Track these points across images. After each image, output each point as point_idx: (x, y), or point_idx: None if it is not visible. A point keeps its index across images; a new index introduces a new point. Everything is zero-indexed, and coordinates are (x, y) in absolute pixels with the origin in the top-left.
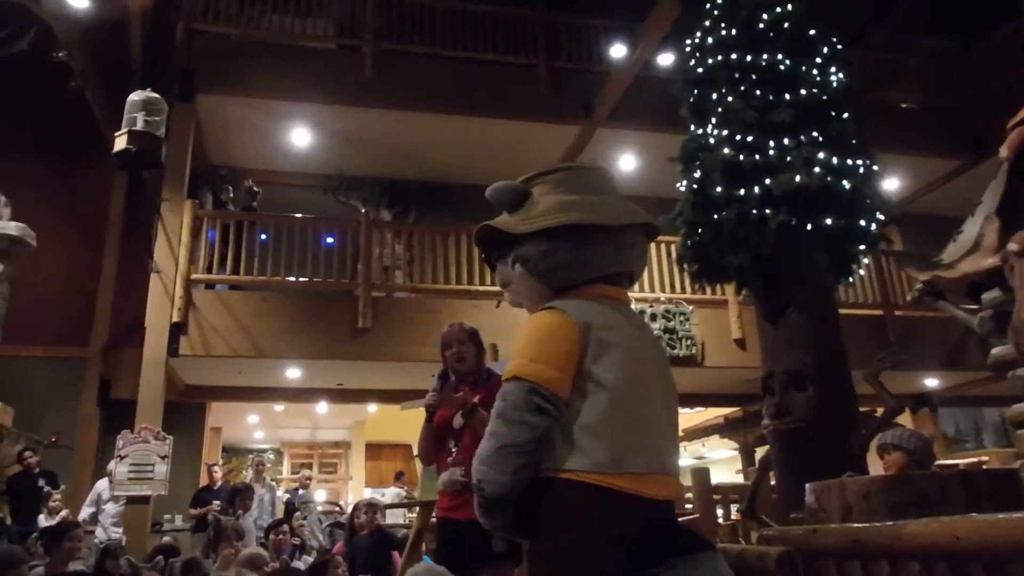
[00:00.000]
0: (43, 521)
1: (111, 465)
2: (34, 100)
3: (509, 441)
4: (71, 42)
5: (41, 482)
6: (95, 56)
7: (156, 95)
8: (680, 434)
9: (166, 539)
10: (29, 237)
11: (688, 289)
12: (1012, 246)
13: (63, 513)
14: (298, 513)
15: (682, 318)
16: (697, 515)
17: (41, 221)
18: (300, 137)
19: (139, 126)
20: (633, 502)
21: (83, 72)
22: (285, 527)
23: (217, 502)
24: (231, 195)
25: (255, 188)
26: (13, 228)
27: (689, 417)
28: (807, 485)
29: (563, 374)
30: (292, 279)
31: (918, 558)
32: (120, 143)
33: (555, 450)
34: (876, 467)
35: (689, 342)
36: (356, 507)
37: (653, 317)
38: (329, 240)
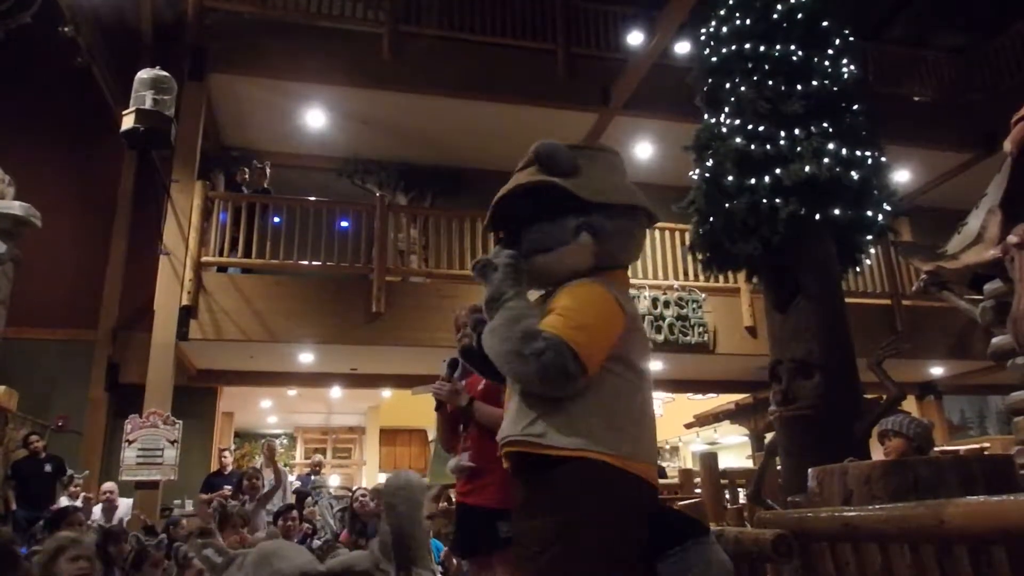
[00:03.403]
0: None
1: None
2: (42, 77)
3: (514, 350)
4: (77, 17)
5: (48, 467)
6: (104, 33)
7: (165, 73)
8: (692, 420)
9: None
10: (34, 217)
11: (701, 277)
12: (1012, 238)
13: (83, 496)
14: (309, 499)
15: (695, 305)
16: (699, 499)
17: (48, 201)
18: (315, 119)
19: (147, 105)
20: (647, 488)
21: (90, 48)
22: (294, 513)
23: (228, 487)
24: (246, 178)
25: (259, 164)
26: (17, 208)
27: (701, 403)
28: (809, 470)
29: (600, 355)
30: (306, 263)
31: (905, 541)
32: (128, 122)
33: (592, 430)
34: (878, 453)
35: (701, 329)
36: (358, 493)
37: (667, 304)
38: (344, 224)
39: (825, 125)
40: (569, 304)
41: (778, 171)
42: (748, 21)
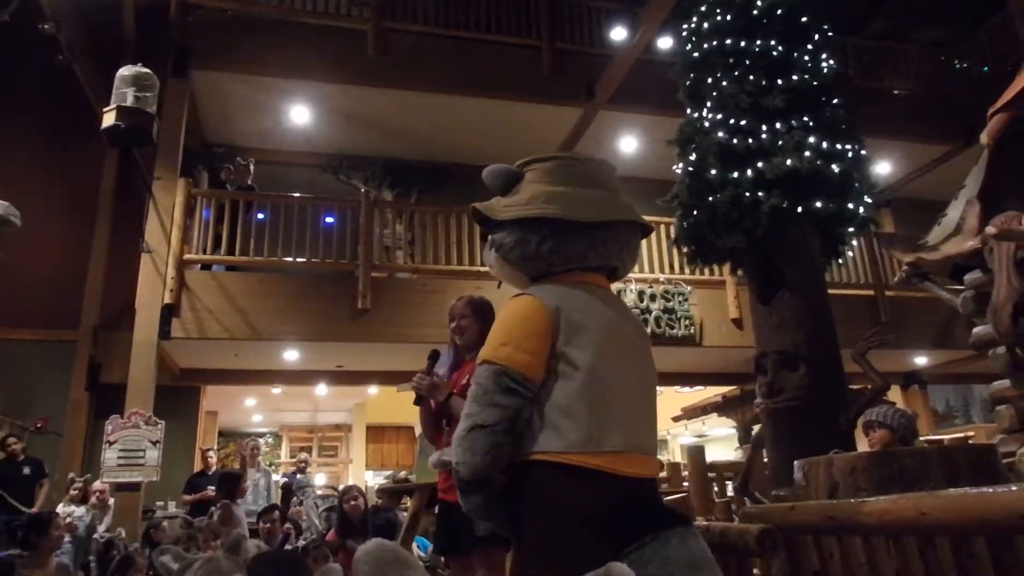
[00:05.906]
0: (62, 509)
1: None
2: (22, 75)
3: (480, 421)
4: (58, 14)
5: (26, 469)
6: (86, 30)
7: (147, 70)
8: (679, 413)
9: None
10: (13, 216)
11: (686, 270)
12: (990, 229)
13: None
14: (295, 498)
15: (681, 298)
16: (686, 492)
17: (28, 199)
18: (300, 115)
19: (129, 102)
20: (610, 480)
21: (71, 45)
22: (276, 513)
23: (212, 487)
24: (230, 175)
25: (243, 161)
26: None
27: (688, 396)
28: (795, 462)
29: (534, 358)
30: (291, 259)
31: (887, 533)
32: (109, 119)
33: (533, 432)
34: (864, 444)
35: (687, 322)
36: (348, 493)
37: (652, 297)
38: (329, 220)
39: (806, 119)
40: (493, 328)
41: (760, 164)
42: (729, 17)
